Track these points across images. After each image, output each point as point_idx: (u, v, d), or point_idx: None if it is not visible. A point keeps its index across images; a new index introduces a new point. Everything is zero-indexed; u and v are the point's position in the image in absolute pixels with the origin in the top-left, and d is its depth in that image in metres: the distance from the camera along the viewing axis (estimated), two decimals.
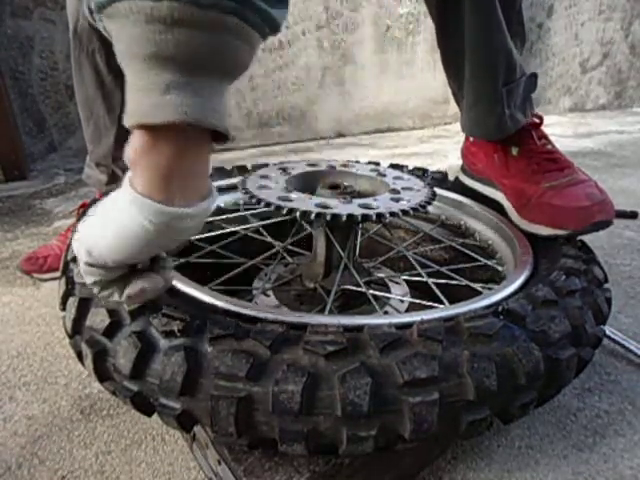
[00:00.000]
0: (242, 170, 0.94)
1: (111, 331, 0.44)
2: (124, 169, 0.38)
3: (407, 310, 0.68)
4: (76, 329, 0.48)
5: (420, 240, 0.89)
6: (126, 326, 0.44)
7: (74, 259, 0.53)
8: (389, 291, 0.74)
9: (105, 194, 0.42)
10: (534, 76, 0.75)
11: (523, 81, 0.73)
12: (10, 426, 0.61)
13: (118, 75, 0.94)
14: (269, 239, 0.79)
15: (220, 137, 0.38)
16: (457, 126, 0.88)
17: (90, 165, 1.06)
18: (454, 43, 0.76)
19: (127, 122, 0.35)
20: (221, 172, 0.94)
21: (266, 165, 0.84)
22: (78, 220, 1.11)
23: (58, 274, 0.56)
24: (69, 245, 0.57)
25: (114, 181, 1.04)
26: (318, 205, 0.60)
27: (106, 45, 0.92)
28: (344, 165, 0.79)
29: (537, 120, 0.77)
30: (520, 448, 0.59)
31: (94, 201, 0.70)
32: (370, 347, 0.41)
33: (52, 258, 1.00)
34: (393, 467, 0.51)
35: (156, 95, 0.34)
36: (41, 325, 0.84)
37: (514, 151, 0.75)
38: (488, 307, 0.49)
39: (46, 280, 0.99)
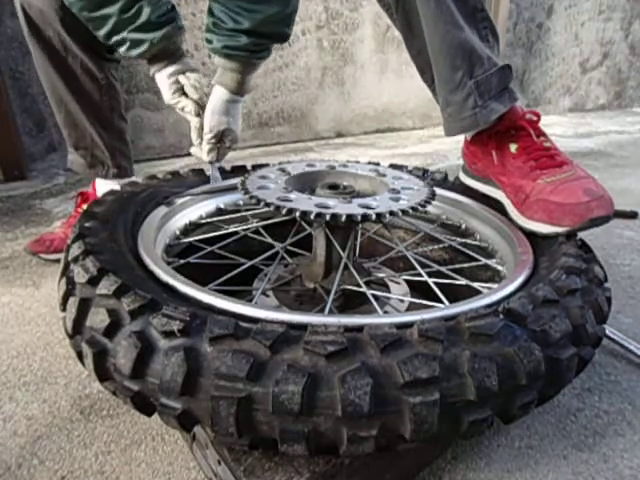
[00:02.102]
0: (240, 170, 0.95)
1: (111, 331, 0.44)
2: (104, 149, 0.38)
3: (407, 310, 0.68)
4: (76, 329, 0.48)
5: (420, 240, 0.89)
6: (126, 326, 0.44)
7: (75, 259, 0.53)
8: (389, 291, 0.74)
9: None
10: (507, 67, 0.76)
11: (495, 72, 0.75)
12: (10, 426, 0.61)
13: (76, 56, 0.96)
14: (269, 239, 0.79)
15: None
16: None
17: (70, 150, 1.09)
18: (422, 51, 0.80)
19: None
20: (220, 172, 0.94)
21: (266, 165, 0.84)
22: (76, 208, 1.14)
23: (63, 254, 0.58)
24: (69, 246, 0.57)
25: (95, 164, 1.07)
26: (318, 205, 0.60)
27: (65, 26, 0.92)
28: (344, 165, 0.79)
29: (534, 117, 0.77)
30: (520, 448, 0.59)
31: (95, 202, 0.70)
32: (371, 347, 0.41)
33: (57, 241, 1.06)
34: (393, 467, 0.51)
35: None
36: (41, 325, 0.83)
37: (512, 148, 0.75)
38: (488, 306, 0.49)
39: (52, 260, 1.06)
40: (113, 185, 1.01)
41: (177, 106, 0.88)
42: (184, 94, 0.87)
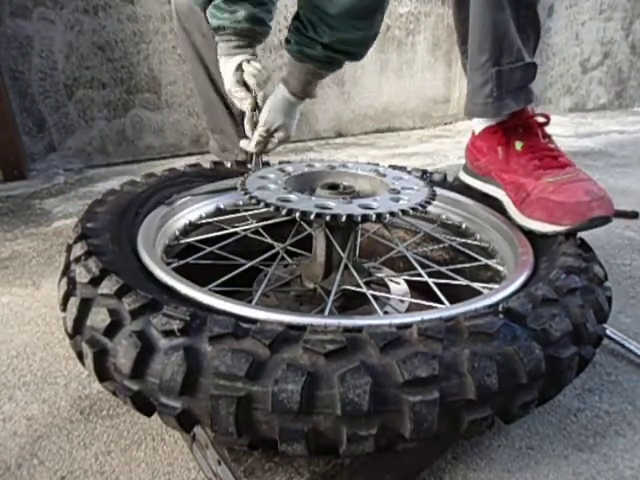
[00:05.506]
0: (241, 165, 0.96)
1: (111, 331, 0.44)
2: (233, 136, 0.47)
3: (407, 310, 0.68)
4: (77, 329, 0.47)
5: (420, 240, 0.89)
6: (126, 326, 0.44)
7: (76, 259, 0.53)
8: (389, 291, 0.74)
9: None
10: (532, 65, 0.75)
11: (519, 67, 0.73)
12: (10, 426, 0.61)
13: (212, 47, 1.08)
14: (269, 240, 0.79)
15: None
16: (457, 126, 0.89)
17: (209, 135, 1.25)
18: (467, 23, 0.78)
19: None
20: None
21: (266, 165, 0.84)
22: None
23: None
24: (70, 246, 0.57)
25: (226, 148, 1.23)
26: (318, 205, 0.60)
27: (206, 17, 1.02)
28: (344, 165, 0.79)
29: (544, 119, 0.77)
30: (520, 448, 0.59)
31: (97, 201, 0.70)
32: (370, 346, 0.40)
33: None
34: (393, 467, 0.51)
35: None
36: (40, 325, 0.83)
37: (518, 146, 0.76)
38: (489, 307, 0.49)
39: None
40: None
41: (236, 95, 0.92)
42: (245, 86, 0.91)
